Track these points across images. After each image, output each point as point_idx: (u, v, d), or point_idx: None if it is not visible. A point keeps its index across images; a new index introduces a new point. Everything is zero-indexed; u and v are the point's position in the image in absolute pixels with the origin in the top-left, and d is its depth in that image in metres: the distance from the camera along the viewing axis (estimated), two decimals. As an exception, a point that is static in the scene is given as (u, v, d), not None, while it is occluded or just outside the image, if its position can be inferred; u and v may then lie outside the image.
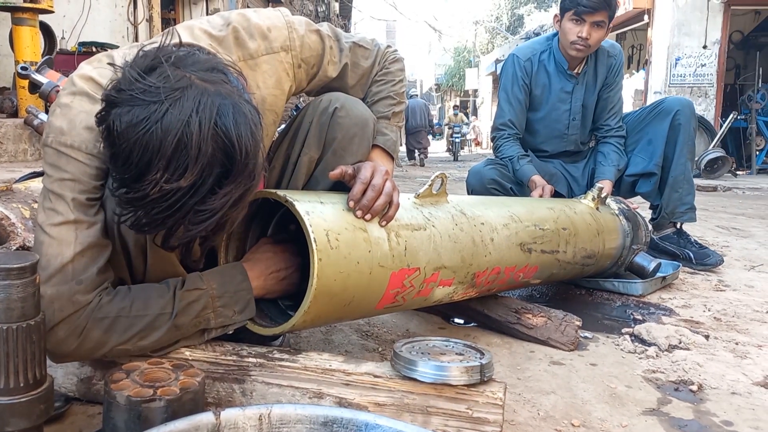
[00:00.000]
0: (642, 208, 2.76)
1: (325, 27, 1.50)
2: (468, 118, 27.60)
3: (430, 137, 16.23)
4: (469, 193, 2.82)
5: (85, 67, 1.18)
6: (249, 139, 0.96)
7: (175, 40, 1.05)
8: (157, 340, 1.17)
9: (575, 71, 2.80)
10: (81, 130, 1.11)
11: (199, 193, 0.94)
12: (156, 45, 1.02)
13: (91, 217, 1.12)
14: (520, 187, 2.75)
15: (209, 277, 1.24)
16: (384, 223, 1.33)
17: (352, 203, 1.29)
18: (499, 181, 2.72)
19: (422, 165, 14.20)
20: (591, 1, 2.55)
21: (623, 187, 2.92)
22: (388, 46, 1.62)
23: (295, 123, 1.49)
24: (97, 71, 1.16)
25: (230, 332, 1.32)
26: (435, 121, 23.01)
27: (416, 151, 14.79)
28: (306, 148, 1.43)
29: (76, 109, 1.12)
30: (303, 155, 1.44)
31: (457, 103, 23.99)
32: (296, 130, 1.47)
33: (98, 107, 0.99)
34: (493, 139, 2.93)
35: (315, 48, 1.45)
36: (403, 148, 15.47)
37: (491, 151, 3.04)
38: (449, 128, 18.63)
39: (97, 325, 1.12)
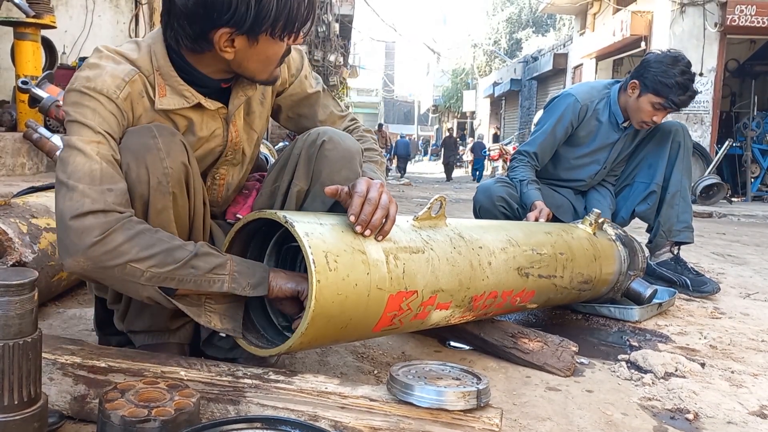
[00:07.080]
0: (638, 233, 2.77)
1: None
2: (464, 140, 27.67)
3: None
4: (476, 209, 2.83)
5: (107, 46, 1.33)
6: None
7: None
8: (171, 272, 1.19)
9: (626, 123, 2.79)
10: (105, 77, 1.25)
11: None
12: None
13: (112, 142, 1.24)
14: (524, 210, 2.76)
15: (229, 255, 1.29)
16: (380, 238, 1.33)
17: (353, 218, 1.29)
18: (508, 200, 2.73)
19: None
20: (684, 103, 2.59)
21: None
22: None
23: (284, 155, 1.53)
24: (121, 48, 1.33)
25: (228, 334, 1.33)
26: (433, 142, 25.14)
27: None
28: (295, 180, 1.47)
29: (102, 66, 1.27)
30: (293, 187, 1.47)
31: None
32: (285, 161, 1.51)
33: (122, 68, 1.26)
34: (512, 159, 2.92)
35: (296, 58, 1.59)
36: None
37: (488, 173, 3.07)
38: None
39: (124, 231, 1.16)
